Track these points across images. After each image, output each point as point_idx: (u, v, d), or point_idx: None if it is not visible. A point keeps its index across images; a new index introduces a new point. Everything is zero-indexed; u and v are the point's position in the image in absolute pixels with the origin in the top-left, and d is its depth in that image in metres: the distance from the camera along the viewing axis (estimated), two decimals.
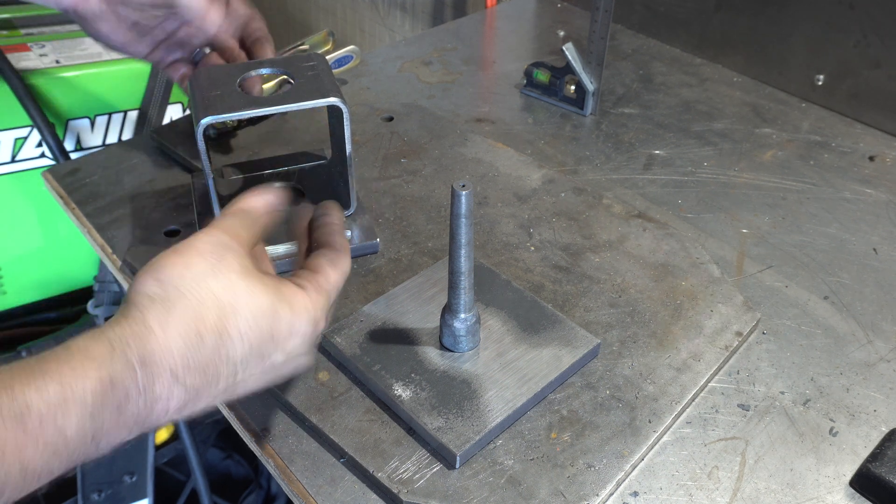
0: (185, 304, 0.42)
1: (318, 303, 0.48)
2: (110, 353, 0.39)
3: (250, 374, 0.45)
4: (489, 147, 0.87)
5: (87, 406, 0.38)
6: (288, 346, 0.46)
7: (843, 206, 0.81)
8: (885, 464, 0.52)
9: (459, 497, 0.50)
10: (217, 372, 0.43)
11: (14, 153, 1.15)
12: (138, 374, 0.40)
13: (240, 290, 0.44)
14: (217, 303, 0.43)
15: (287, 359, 0.47)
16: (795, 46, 1.00)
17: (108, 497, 1.28)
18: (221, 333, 0.43)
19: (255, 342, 0.44)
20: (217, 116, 0.61)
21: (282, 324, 0.46)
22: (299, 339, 0.47)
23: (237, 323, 0.44)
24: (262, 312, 0.45)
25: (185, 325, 0.42)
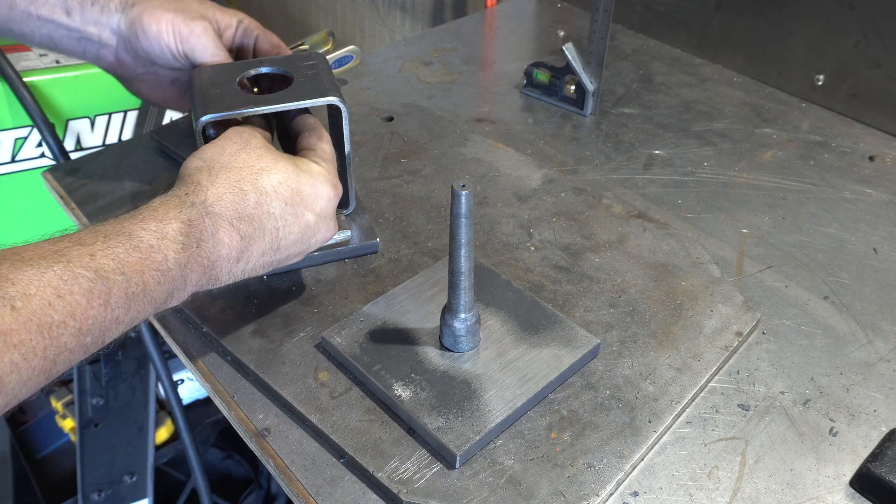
0: (226, 167, 0.53)
1: (329, 169, 0.58)
2: (181, 204, 0.50)
3: (289, 230, 0.55)
4: (489, 147, 0.87)
5: (177, 241, 0.48)
6: (317, 207, 0.56)
7: (843, 206, 0.81)
8: (885, 464, 0.52)
9: (459, 497, 0.50)
10: (262, 224, 0.53)
11: (14, 153, 1.15)
12: (205, 219, 0.50)
13: (267, 158, 0.55)
14: (251, 166, 0.54)
15: (318, 219, 0.56)
16: (795, 46, 1.00)
17: (108, 497, 1.28)
18: (259, 190, 0.53)
19: (287, 198, 0.54)
20: (216, 115, 0.61)
21: (306, 185, 0.55)
22: (324, 200, 0.57)
23: (271, 181, 0.54)
24: (289, 174, 0.55)
25: (230, 182, 0.52)
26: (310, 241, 0.57)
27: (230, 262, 0.52)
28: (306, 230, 0.56)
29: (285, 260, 0.57)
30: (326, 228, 0.58)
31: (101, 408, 1.23)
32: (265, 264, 0.55)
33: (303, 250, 0.57)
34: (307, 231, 0.56)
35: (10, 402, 0.40)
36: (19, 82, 1.07)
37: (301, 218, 0.55)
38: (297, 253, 0.57)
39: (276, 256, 0.55)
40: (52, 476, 1.49)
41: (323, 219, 0.57)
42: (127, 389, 1.25)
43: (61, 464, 1.50)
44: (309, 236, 0.57)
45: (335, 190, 0.58)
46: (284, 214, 0.54)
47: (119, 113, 1.21)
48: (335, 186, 0.58)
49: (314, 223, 0.56)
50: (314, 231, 0.57)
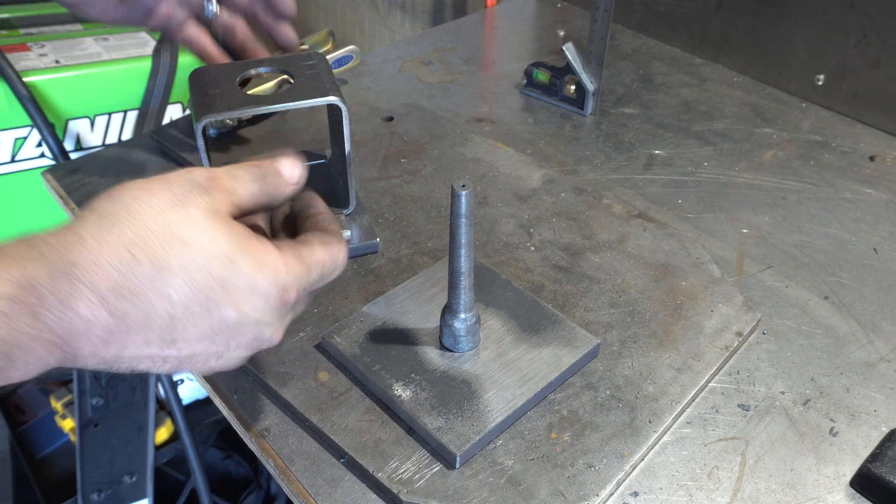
0: (129, 223, 0.39)
1: (293, 269, 0.43)
2: (29, 253, 0.36)
3: (193, 324, 0.40)
4: (489, 147, 0.87)
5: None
6: (244, 305, 0.41)
7: (843, 206, 0.81)
8: (885, 464, 0.52)
9: (459, 497, 0.50)
10: (151, 306, 0.38)
11: (14, 153, 1.15)
12: (59, 283, 0.36)
13: (198, 227, 0.40)
14: (166, 232, 0.39)
15: (242, 320, 0.41)
16: (795, 46, 1.00)
17: (108, 497, 1.28)
18: (161, 264, 0.38)
19: (200, 285, 0.39)
20: (216, 115, 0.61)
21: (238, 275, 0.40)
22: (260, 299, 0.41)
23: (182, 259, 0.39)
24: (217, 255, 0.40)
25: (122, 243, 0.38)
26: (228, 344, 0.42)
27: (93, 342, 0.38)
28: (221, 330, 0.41)
29: (190, 361, 0.42)
30: (257, 335, 0.43)
31: (100, 408, 1.23)
32: (155, 357, 0.41)
33: (218, 352, 0.43)
34: (223, 331, 0.41)
35: None
36: (19, 82, 1.07)
37: (214, 313, 0.40)
38: (210, 354, 0.42)
39: (170, 351, 0.41)
40: (51, 476, 1.49)
41: (252, 323, 0.42)
42: (127, 389, 1.25)
43: (61, 464, 1.50)
44: (227, 337, 0.42)
45: (284, 294, 0.43)
46: (188, 303, 0.39)
47: (119, 113, 1.21)
48: (286, 290, 0.43)
49: (235, 324, 0.41)
50: (234, 333, 0.42)
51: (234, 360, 0.44)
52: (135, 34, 1.30)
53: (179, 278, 0.39)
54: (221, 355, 0.43)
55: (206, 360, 0.43)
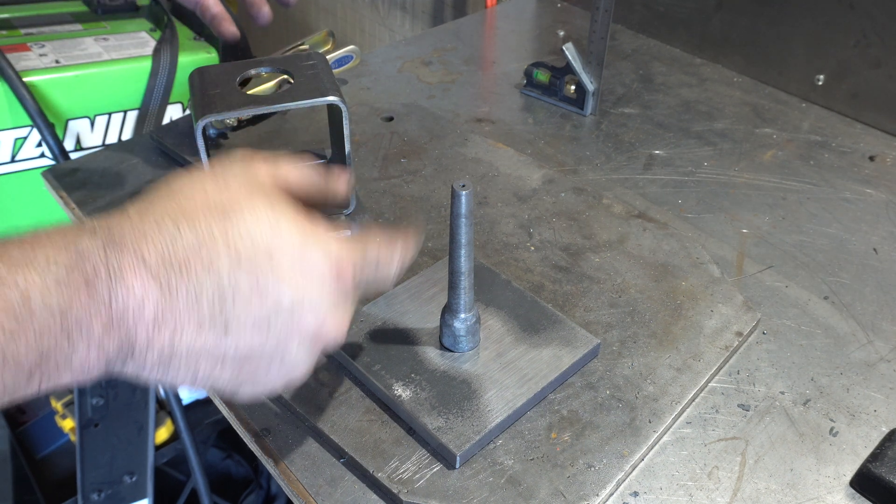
0: (170, 197, 0.38)
1: (346, 245, 0.40)
2: (80, 229, 0.35)
3: (246, 305, 0.37)
4: (489, 147, 0.87)
5: (50, 272, 0.33)
6: (295, 279, 0.37)
7: (843, 206, 0.81)
8: (885, 464, 0.52)
9: (459, 497, 0.50)
10: (197, 279, 0.36)
11: (14, 153, 1.15)
12: (105, 251, 0.34)
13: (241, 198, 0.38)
14: (206, 201, 0.37)
15: (297, 300, 0.37)
16: (795, 46, 1.00)
17: (108, 497, 1.28)
18: (203, 233, 0.36)
19: (245, 254, 0.36)
20: (216, 115, 0.61)
21: (285, 243, 0.37)
22: (312, 275, 0.38)
23: (225, 226, 0.36)
24: (260, 222, 0.37)
25: (165, 214, 0.36)
26: (288, 337, 0.38)
27: (146, 322, 0.35)
28: (277, 313, 0.37)
29: (250, 364, 0.38)
30: (319, 323, 0.39)
31: (100, 408, 1.23)
32: (212, 353, 0.37)
33: (279, 352, 0.38)
34: (278, 315, 0.37)
35: None
36: (19, 82, 1.07)
37: (266, 291, 0.37)
38: (272, 355, 0.38)
39: (227, 341, 0.37)
40: (52, 476, 1.49)
41: (310, 306, 0.38)
42: (127, 389, 1.25)
43: (61, 464, 1.50)
44: (285, 326, 0.38)
45: (341, 274, 0.39)
46: (235, 275, 0.36)
47: (119, 113, 1.21)
48: (341, 269, 0.39)
49: (290, 306, 0.37)
50: (292, 320, 0.38)
51: (300, 366, 0.40)
52: (135, 34, 1.30)
53: (222, 248, 0.36)
54: (284, 357, 0.39)
55: (269, 363, 0.39)
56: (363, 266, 0.41)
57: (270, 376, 0.40)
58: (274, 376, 0.40)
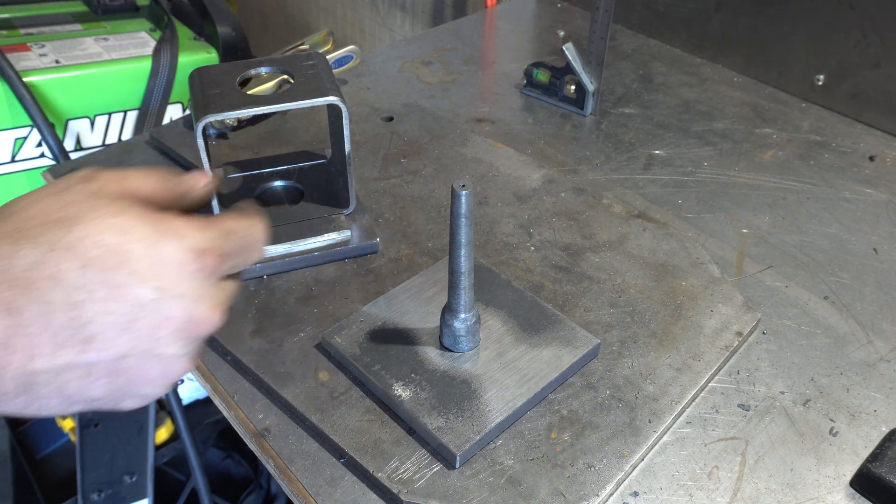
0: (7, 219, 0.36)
1: (203, 231, 0.38)
2: None
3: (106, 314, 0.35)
4: (489, 147, 0.87)
5: None
6: (154, 276, 0.36)
7: (843, 206, 0.81)
8: (885, 464, 0.52)
9: (459, 497, 0.50)
10: (44, 295, 0.34)
11: (14, 153, 1.15)
12: None
13: (80, 205, 0.36)
14: (46, 216, 0.35)
15: (161, 296, 0.36)
16: (795, 46, 1.00)
17: (108, 497, 1.28)
18: (43, 247, 0.34)
19: (93, 260, 0.35)
20: (216, 115, 0.61)
21: (136, 243, 0.36)
22: (171, 268, 0.36)
23: (69, 237, 0.35)
24: (105, 226, 0.35)
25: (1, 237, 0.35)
26: (158, 334, 0.37)
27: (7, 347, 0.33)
28: (142, 314, 0.36)
29: (124, 369, 0.37)
30: (189, 313, 0.37)
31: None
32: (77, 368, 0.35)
33: (152, 350, 0.37)
34: (144, 316, 0.36)
35: None
36: (19, 82, 1.08)
37: (124, 293, 0.35)
38: (145, 355, 0.37)
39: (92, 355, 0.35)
40: (52, 476, 1.49)
41: (176, 299, 0.36)
42: None
43: (61, 464, 1.50)
44: (154, 325, 0.36)
45: (202, 258, 0.37)
46: (85, 283, 0.34)
47: (119, 113, 1.21)
48: (202, 253, 0.37)
49: (154, 303, 0.36)
50: (159, 317, 0.36)
51: (179, 360, 0.39)
52: (135, 34, 1.30)
53: (67, 257, 0.34)
54: (160, 354, 0.37)
55: (144, 364, 0.37)
56: (228, 250, 0.40)
57: (149, 377, 0.38)
58: (153, 376, 0.38)
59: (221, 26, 1.26)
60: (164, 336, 0.37)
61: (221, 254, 0.39)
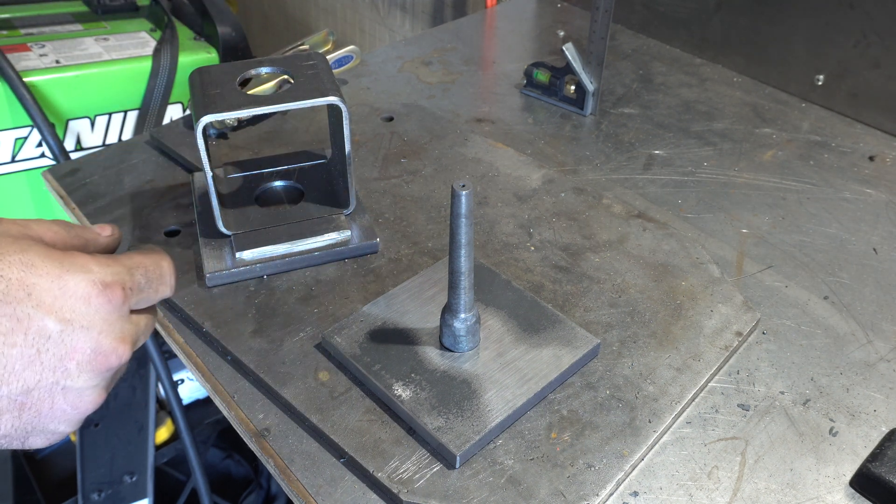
0: None
1: (109, 266, 0.39)
2: None
3: (10, 346, 0.35)
4: (489, 147, 0.87)
5: None
6: (59, 309, 0.36)
7: (843, 206, 0.81)
8: (885, 464, 0.52)
9: (459, 497, 0.50)
10: None
11: (14, 153, 1.15)
12: None
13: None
14: None
15: (65, 328, 0.37)
16: (795, 46, 1.00)
17: (108, 497, 1.28)
18: None
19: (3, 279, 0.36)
20: (217, 115, 0.61)
21: (41, 277, 0.36)
22: (77, 301, 0.37)
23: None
24: (11, 264, 0.36)
25: None
26: (64, 366, 0.37)
27: None
28: (47, 347, 0.36)
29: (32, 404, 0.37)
30: (95, 346, 0.38)
31: (100, 408, 1.23)
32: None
33: (59, 382, 0.37)
34: (49, 348, 0.36)
35: None
36: (19, 82, 1.08)
37: (29, 325, 0.36)
38: (53, 388, 0.37)
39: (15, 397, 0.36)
40: (52, 476, 1.49)
41: (81, 331, 0.37)
42: (127, 389, 1.25)
43: (61, 464, 1.50)
44: (59, 356, 0.37)
45: (106, 293, 0.38)
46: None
47: (119, 113, 1.21)
48: (106, 286, 0.38)
49: (59, 334, 0.36)
50: (65, 348, 0.37)
51: (88, 393, 0.39)
52: (135, 34, 1.30)
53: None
54: (67, 387, 0.38)
55: (51, 398, 0.37)
56: (133, 284, 0.41)
57: (57, 412, 0.38)
58: (61, 411, 0.38)
59: (221, 26, 1.26)
60: (71, 368, 0.37)
61: (127, 287, 0.40)
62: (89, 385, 0.39)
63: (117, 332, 0.39)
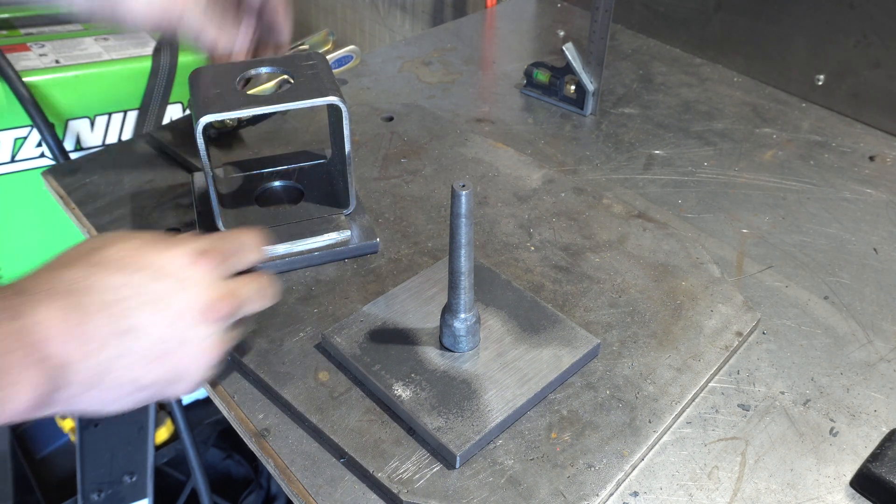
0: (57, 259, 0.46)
1: (201, 239, 0.49)
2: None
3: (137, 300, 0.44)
4: (489, 147, 0.87)
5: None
6: (166, 272, 0.46)
7: (843, 206, 0.81)
8: (885, 464, 0.52)
9: (459, 497, 0.50)
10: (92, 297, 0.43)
11: (14, 153, 1.15)
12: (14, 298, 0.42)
13: (104, 241, 0.47)
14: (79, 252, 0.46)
15: (177, 287, 0.46)
16: (795, 46, 1.00)
17: (108, 497, 1.28)
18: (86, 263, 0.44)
19: (119, 267, 0.45)
20: (217, 115, 0.61)
21: (150, 251, 0.46)
22: (182, 266, 0.46)
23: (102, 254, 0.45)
24: (125, 248, 0.46)
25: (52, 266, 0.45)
26: (183, 316, 0.46)
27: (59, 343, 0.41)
28: (163, 303, 0.45)
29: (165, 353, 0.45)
30: (204, 299, 0.46)
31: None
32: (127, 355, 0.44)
33: (182, 334, 0.46)
34: (165, 304, 0.45)
35: None
36: (19, 82, 1.07)
37: (147, 288, 0.45)
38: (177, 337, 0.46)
39: (131, 342, 0.44)
40: (51, 476, 1.49)
41: (190, 286, 0.46)
42: None
43: (61, 464, 1.50)
44: (178, 308, 0.45)
45: (202, 256, 0.47)
46: (123, 282, 0.44)
47: (119, 113, 1.21)
48: (202, 253, 0.47)
49: (173, 289, 0.45)
50: (179, 301, 0.46)
51: (206, 343, 0.47)
52: (135, 34, 1.30)
53: (96, 271, 0.44)
54: (189, 337, 0.46)
55: (180, 348, 0.45)
56: (225, 251, 0.50)
57: (188, 360, 0.47)
58: (190, 358, 0.47)
59: None
60: (188, 320, 0.46)
61: (220, 252, 0.49)
62: (206, 335, 0.47)
63: (219, 289, 0.48)
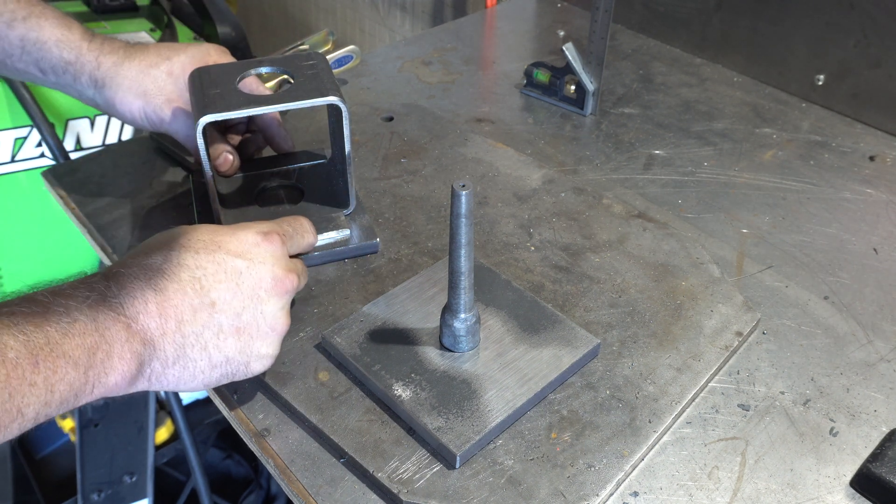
0: (141, 246, 0.52)
1: (264, 223, 0.55)
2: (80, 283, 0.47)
3: (215, 279, 0.50)
4: (489, 147, 0.87)
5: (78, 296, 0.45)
6: (239, 252, 0.51)
7: (843, 206, 0.81)
8: (885, 464, 0.52)
9: (459, 497, 0.50)
10: (175, 276, 0.49)
11: (14, 153, 1.15)
12: (106, 281, 0.47)
13: (181, 231, 0.52)
14: (160, 240, 0.52)
15: (249, 264, 0.51)
16: (795, 46, 1.00)
17: (108, 497, 1.28)
18: (168, 248, 0.50)
19: (200, 247, 0.51)
20: (217, 115, 0.61)
21: (223, 235, 0.52)
22: (251, 246, 0.52)
23: (181, 241, 0.51)
24: (202, 233, 0.52)
25: (137, 253, 0.51)
26: (256, 291, 0.51)
27: (154, 317, 0.47)
28: (240, 278, 0.51)
29: (245, 325, 0.51)
30: (273, 275, 0.52)
31: (100, 408, 1.23)
32: (211, 327, 0.49)
33: (257, 306, 0.51)
34: (241, 279, 0.51)
35: None
36: (19, 82, 1.07)
37: (226, 265, 0.50)
38: (254, 309, 0.51)
39: (216, 314, 0.50)
40: (51, 476, 1.49)
41: (258, 264, 0.52)
42: None
43: (61, 464, 1.50)
44: (250, 284, 0.51)
45: (267, 237, 0.53)
46: (200, 263, 0.50)
47: None
48: (266, 234, 0.53)
49: (245, 267, 0.51)
50: (252, 277, 0.51)
51: (279, 315, 0.52)
52: (135, 34, 1.30)
53: (183, 251, 0.50)
54: (263, 311, 0.51)
55: (256, 320, 0.51)
56: (284, 232, 0.56)
57: (263, 333, 0.52)
58: (265, 332, 0.52)
59: (221, 26, 1.26)
60: (262, 294, 0.51)
61: (281, 233, 0.55)
62: (278, 307, 0.52)
63: (285, 265, 0.53)
